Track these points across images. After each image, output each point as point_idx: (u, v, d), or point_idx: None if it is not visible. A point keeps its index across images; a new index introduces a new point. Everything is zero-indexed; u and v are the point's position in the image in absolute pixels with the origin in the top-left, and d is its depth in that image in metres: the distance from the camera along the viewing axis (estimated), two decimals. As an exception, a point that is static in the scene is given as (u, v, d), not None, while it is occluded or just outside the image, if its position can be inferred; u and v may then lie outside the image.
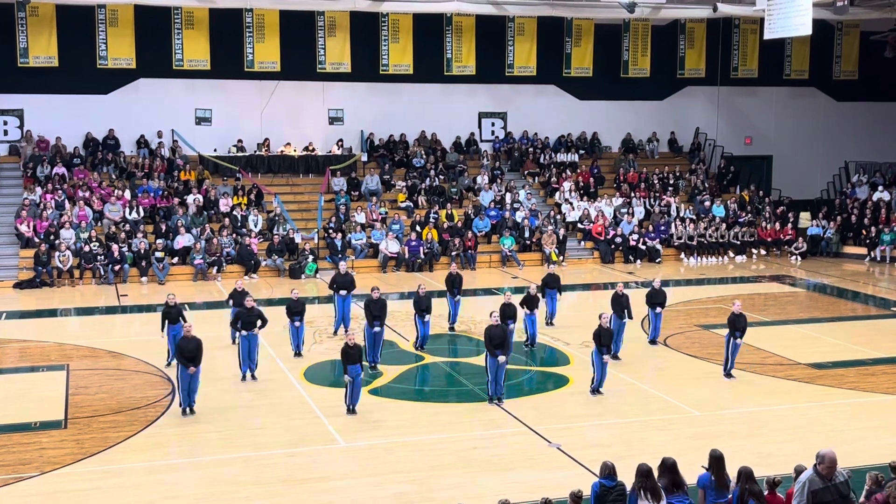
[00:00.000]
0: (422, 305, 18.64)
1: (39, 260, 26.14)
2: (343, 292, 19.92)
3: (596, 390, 15.90)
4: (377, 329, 17.45)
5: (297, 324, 18.29)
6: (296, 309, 18.37)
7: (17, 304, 24.14)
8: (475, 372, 17.26)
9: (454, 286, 20.61)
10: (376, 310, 17.60)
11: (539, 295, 19.53)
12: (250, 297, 17.34)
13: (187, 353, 14.74)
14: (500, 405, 15.26)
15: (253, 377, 16.79)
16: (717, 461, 9.94)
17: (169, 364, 17.19)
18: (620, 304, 18.26)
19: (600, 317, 15.95)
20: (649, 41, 35.74)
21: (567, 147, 35.51)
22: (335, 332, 19.97)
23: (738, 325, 16.73)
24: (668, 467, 9.84)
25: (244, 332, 16.70)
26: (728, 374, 16.96)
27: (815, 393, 16.37)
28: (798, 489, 8.89)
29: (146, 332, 21.48)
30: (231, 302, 18.96)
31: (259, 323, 16.85)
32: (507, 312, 17.22)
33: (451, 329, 20.61)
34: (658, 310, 19.16)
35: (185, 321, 16.70)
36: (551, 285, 20.63)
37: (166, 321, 17.27)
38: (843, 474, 9.00)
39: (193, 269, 27.35)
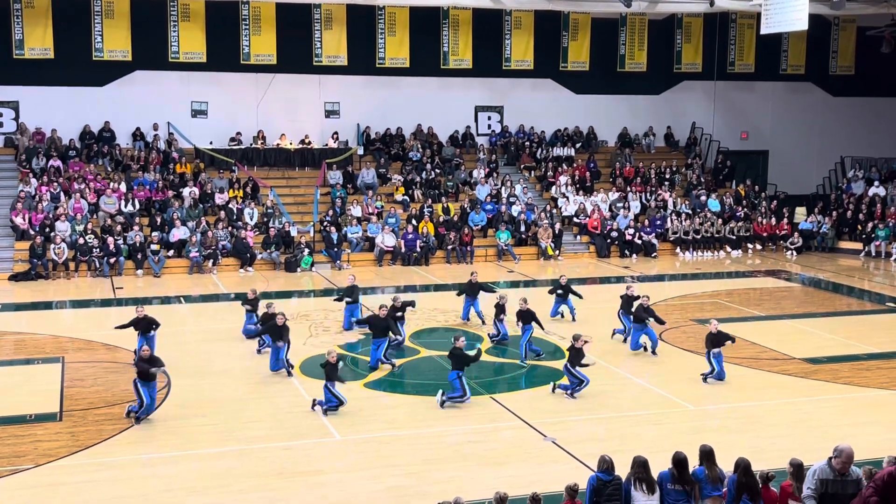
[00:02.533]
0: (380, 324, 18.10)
1: (35, 252, 26.11)
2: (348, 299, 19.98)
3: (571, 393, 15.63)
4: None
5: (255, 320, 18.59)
6: (252, 305, 18.70)
7: (12, 297, 24.10)
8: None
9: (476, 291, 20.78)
10: (378, 330, 17.22)
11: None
12: (282, 315, 17.08)
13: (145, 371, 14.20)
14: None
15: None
16: (706, 455, 10.05)
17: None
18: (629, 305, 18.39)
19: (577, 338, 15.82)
20: (646, 35, 35.73)
21: (563, 141, 35.49)
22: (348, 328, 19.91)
23: (717, 341, 16.48)
24: (677, 462, 9.87)
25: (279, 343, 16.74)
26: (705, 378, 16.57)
27: (809, 388, 16.40)
28: (809, 476, 9.04)
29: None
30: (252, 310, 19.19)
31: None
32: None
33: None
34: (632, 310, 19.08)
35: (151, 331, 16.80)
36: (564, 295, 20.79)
37: (137, 332, 16.99)
38: (857, 473, 9.02)
39: (189, 261, 27.32)
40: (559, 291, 20.95)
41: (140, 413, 14.11)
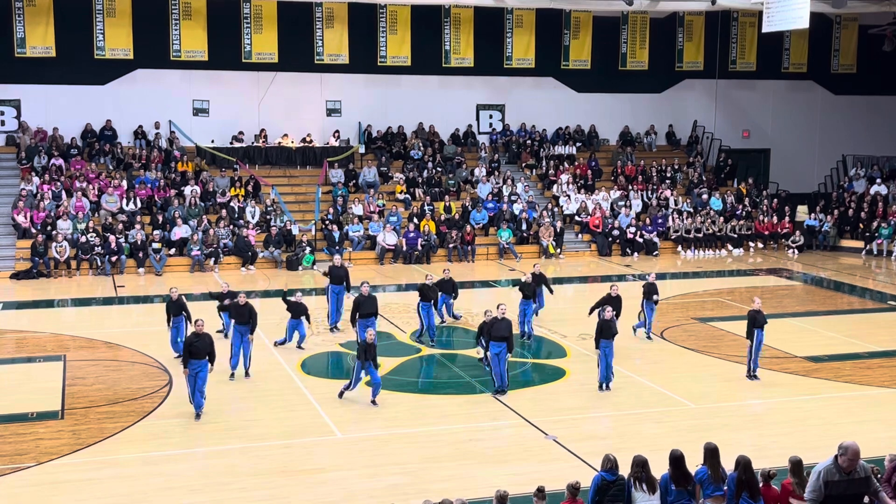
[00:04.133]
0: (429, 295, 18.72)
1: (36, 251, 26.13)
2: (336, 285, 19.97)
3: (603, 386, 15.83)
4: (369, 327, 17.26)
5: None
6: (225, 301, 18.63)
7: (14, 295, 24.11)
8: (472, 364, 17.28)
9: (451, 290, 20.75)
10: (368, 307, 17.28)
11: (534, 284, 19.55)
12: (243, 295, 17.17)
13: (198, 351, 14.25)
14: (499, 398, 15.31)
15: None
16: (711, 454, 9.95)
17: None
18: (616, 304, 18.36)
19: (603, 310, 16.01)
20: (647, 34, 35.71)
21: (565, 139, 35.48)
22: (334, 327, 19.84)
23: (758, 320, 16.37)
24: (673, 459, 9.84)
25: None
26: (752, 376, 16.48)
27: (811, 386, 16.40)
28: (813, 477, 8.58)
29: (143, 322, 21.56)
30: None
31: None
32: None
33: (454, 317, 20.70)
34: (655, 298, 19.12)
35: (188, 316, 16.76)
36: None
37: (170, 314, 17.18)
38: (865, 470, 8.58)
39: (190, 260, 27.34)
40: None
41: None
